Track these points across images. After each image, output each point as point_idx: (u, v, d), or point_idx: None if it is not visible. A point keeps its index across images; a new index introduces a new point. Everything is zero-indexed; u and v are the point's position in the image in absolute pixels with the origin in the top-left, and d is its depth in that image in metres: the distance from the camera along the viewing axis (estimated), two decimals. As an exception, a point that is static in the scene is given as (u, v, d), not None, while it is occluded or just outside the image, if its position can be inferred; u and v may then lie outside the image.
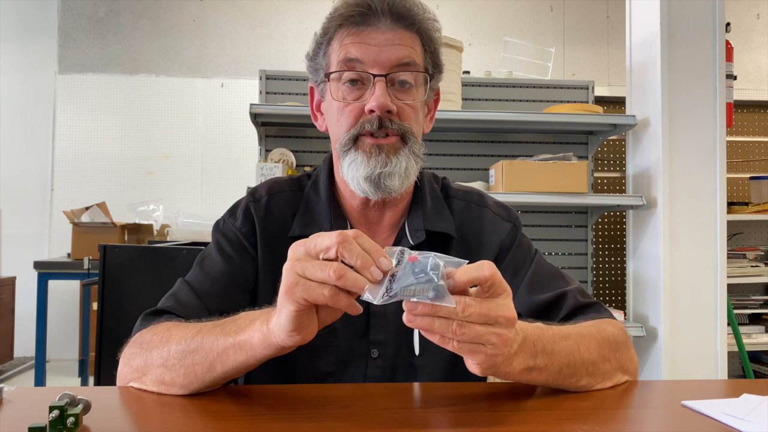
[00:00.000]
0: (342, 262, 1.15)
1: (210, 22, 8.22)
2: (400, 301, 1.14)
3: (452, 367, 1.64)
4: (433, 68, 1.70)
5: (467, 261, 1.16)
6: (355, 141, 1.62)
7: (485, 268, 1.15)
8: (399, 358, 1.65)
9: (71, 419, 1.13)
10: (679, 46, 4.38)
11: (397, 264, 1.15)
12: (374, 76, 1.59)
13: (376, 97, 1.57)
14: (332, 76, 1.64)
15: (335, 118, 1.66)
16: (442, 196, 1.82)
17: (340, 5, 1.63)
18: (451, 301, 1.12)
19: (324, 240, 1.16)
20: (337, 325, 1.40)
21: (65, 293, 7.50)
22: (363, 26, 1.60)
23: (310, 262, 1.16)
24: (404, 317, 1.13)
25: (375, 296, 1.12)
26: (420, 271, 1.12)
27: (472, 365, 1.22)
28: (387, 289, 1.13)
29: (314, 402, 1.36)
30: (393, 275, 1.14)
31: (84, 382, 6.29)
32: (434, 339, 1.16)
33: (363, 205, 1.71)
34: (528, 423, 1.26)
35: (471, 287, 1.17)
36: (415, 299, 1.12)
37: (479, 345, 1.17)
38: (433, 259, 1.13)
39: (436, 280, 1.11)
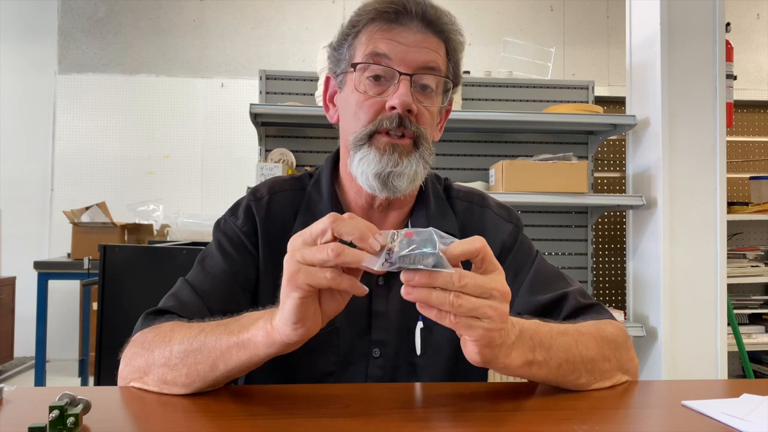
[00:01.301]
0: (339, 242, 1.15)
1: (210, 22, 8.22)
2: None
3: (453, 367, 1.64)
4: (453, 78, 1.71)
5: (459, 238, 1.18)
6: (370, 137, 1.61)
7: (476, 241, 1.17)
8: (400, 358, 1.65)
9: (71, 419, 1.12)
10: (679, 46, 4.39)
11: (392, 242, 1.16)
12: (400, 74, 1.59)
13: (399, 95, 1.57)
14: (359, 66, 1.63)
15: (353, 110, 1.65)
16: (445, 196, 1.83)
17: (373, 0, 1.64)
18: (450, 267, 1.13)
19: (318, 225, 1.17)
20: (339, 324, 1.40)
21: (65, 293, 7.50)
22: (395, 24, 1.61)
23: (309, 248, 1.17)
24: (402, 290, 1.14)
25: (375, 265, 1.13)
26: (418, 242, 1.14)
27: (470, 344, 1.22)
28: (386, 260, 1.13)
29: (315, 402, 1.36)
30: (390, 250, 1.15)
31: (84, 382, 6.30)
32: (431, 314, 1.17)
33: (368, 204, 1.70)
34: (528, 423, 1.26)
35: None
36: (414, 267, 1.13)
37: (475, 319, 1.18)
38: (429, 232, 1.15)
39: (435, 248, 1.13)
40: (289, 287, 1.19)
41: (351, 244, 1.16)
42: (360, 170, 1.62)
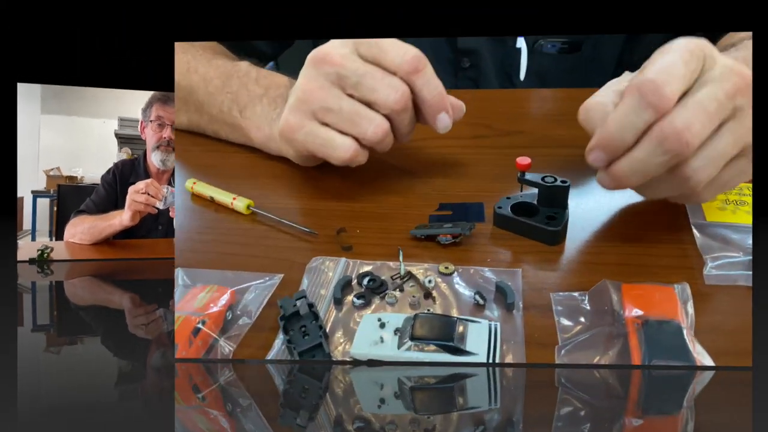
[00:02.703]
0: (147, 194, 1.53)
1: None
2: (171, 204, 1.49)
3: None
4: None
5: None
6: (157, 147, 1.90)
7: None
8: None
9: (45, 254, 1.52)
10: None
11: (167, 193, 1.52)
12: (167, 124, 1.91)
13: (168, 134, 1.87)
14: (152, 122, 1.90)
15: (150, 138, 1.89)
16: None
17: (157, 93, 1.94)
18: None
19: (141, 185, 1.55)
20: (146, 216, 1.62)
21: (44, 204, 7.42)
22: (165, 104, 1.90)
23: (136, 195, 1.54)
24: (170, 213, 1.52)
25: (160, 206, 1.51)
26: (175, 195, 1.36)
27: None
28: (164, 203, 1.51)
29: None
30: (165, 197, 1.51)
31: (51, 240, 6.30)
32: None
33: (157, 170, 1.92)
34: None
35: None
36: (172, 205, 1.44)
37: None
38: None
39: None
40: (127, 210, 1.54)
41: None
42: (155, 160, 1.88)
